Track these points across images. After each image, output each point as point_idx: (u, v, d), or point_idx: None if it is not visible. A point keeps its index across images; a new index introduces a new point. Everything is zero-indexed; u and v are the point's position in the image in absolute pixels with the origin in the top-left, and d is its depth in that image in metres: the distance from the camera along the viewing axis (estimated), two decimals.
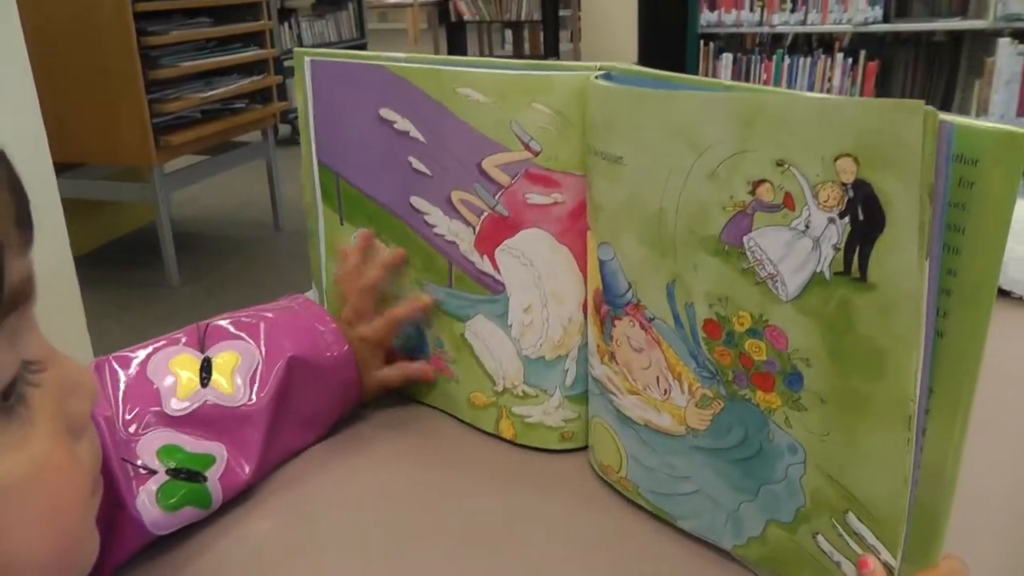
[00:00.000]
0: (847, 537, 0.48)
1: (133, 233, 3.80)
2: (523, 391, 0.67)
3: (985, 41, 3.12)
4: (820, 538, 0.49)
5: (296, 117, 5.24)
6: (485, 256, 0.65)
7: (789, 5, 3.40)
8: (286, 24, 5.15)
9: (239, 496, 0.61)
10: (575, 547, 0.57)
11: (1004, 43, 3.05)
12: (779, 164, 0.44)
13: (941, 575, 0.45)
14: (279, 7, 5.03)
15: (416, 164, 0.67)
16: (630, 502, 0.61)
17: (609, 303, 0.59)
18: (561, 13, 6.22)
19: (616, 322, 0.58)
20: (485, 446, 0.69)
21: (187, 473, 0.57)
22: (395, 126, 0.67)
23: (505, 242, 0.64)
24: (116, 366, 0.61)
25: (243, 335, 0.65)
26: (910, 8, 3.39)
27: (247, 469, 0.61)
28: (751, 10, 3.46)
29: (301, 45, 5.24)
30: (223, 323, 0.66)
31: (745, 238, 0.47)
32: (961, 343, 0.41)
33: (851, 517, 0.47)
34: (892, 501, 0.44)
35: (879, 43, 3.46)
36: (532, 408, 0.67)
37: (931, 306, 0.41)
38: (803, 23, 3.36)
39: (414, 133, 0.66)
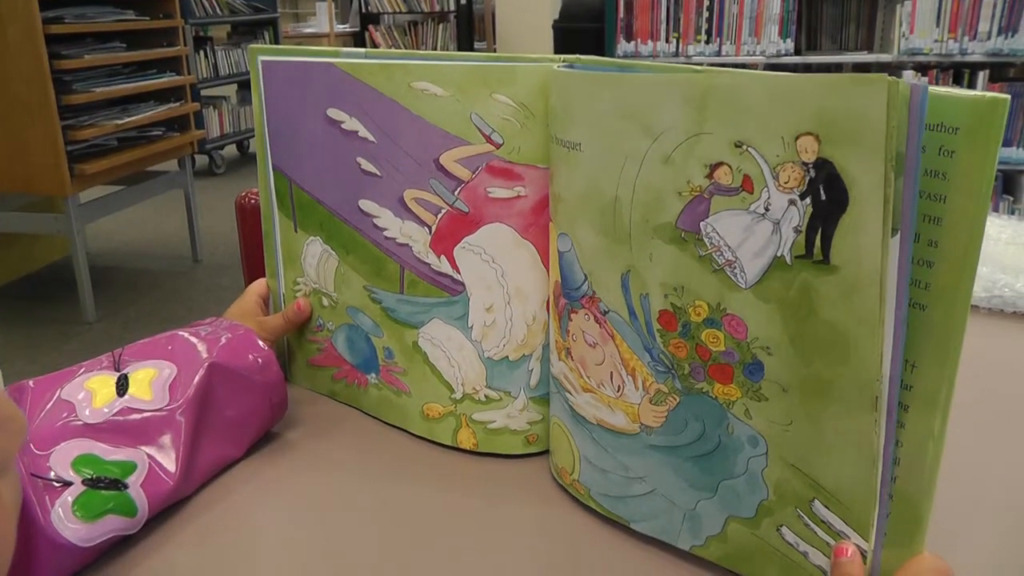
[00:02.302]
0: (814, 526, 0.47)
1: (46, 267, 3.65)
2: (485, 395, 0.65)
3: (891, 73, 3.27)
4: (785, 530, 0.48)
5: (212, 148, 5.17)
6: (443, 256, 0.63)
7: (704, 37, 3.50)
8: (201, 52, 5.06)
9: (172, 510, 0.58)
10: (532, 554, 0.56)
11: (908, 75, 3.21)
12: (737, 146, 0.43)
13: (922, 569, 0.44)
14: (194, 35, 4.94)
15: (365, 165, 0.65)
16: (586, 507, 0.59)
17: (566, 296, 0.57)
18: (477, 45, 6.27)
19: (572, 315, 0.57)
20: (444, 453, 0.67)
21: (106, 482, 0.54)
22: (343, 126, 0.65)
23: (465, 239, 0.62)
24: (31, 385, 0.58)
25: (159, 352, 0.62)
26: (819, 42, 3.52)
27: (173, 475, 0.57)
28: (667, 41, 3.54)
29: (217, 74, 5.17)
30: (139, 345, 0.64)
31: (702, 224, 0.46)
32: (944, 314, 0.41)
33: (817, 505, 0.46)
34: (860, 485, 0.44)
35: None
36: (495, 413, 0.65)
37: (903, 282, 0.40)
38: (718, 54, 3.45)
39: (363, 133, 0.64)
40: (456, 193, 0.61)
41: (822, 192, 0.40)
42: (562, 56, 0.57)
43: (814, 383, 0.44)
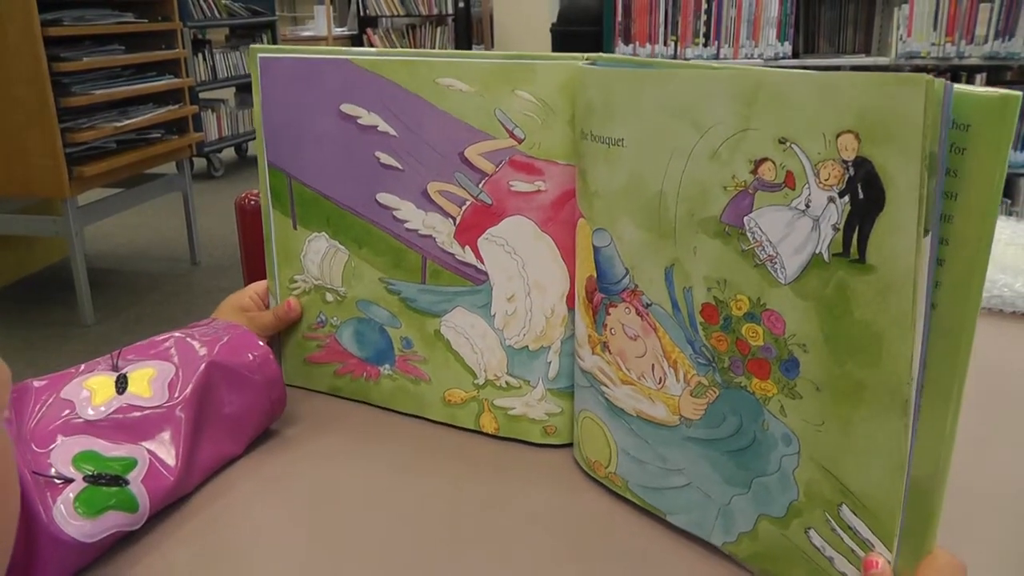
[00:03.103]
0: (840, 531, 0.47)
1: (45, 269, 3.64)
2: (506, 382, 0.66)
3: None
4: (812, 533, 0.48)
5: (210, 150, 5.16)
6: (467, 246, 0.64)
7: (702, 40, 3.51)
8: (200, 55, 5.06)
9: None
10: (560, 541, 0.56)
11: None
12: (781, 142, 0.43)
13: (939, 567, 0.44)
14: (193, 38, 4.95)
15: (385, 159, 0.65)
16: (617, 497, 0.60)
17: (604, 290, 0.58)
18: (474, 49, 6.28)
19: (611, 310, 0.57)
20: (463, 441, 0.68)
21: (107, 478, 0.54)
22: (359, 121, 0.65)
23: (488, 230, 0.63)
24: (34, 384, 0.58)
25: (158, 352, 0.63)
26: (817, 45, 3.54)
27: (173, 471, 0.58)
28: (665, 44, 3.55)
29: (215, 77, 5.17)
30: (137, 345, 0.64)
31: (746, 219, 0.46)
32: (955, 312, 0.40)
33: (845, 510, 0.46)
34: (887, 492, 0.43)
35: None
36: (514, 400, 0.66)
37: (928, 283, 0.40)
38: (716, 57, 3.46)
39: (383, 127, 0.65)
40: (480, 185, 0.62)
41: (860, 191, 0.41)
42: (584, 55, 0.58)
43: (846, 383, 0.44)
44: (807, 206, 0.43)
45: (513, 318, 0.64)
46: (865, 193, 0.40)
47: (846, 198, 0.41)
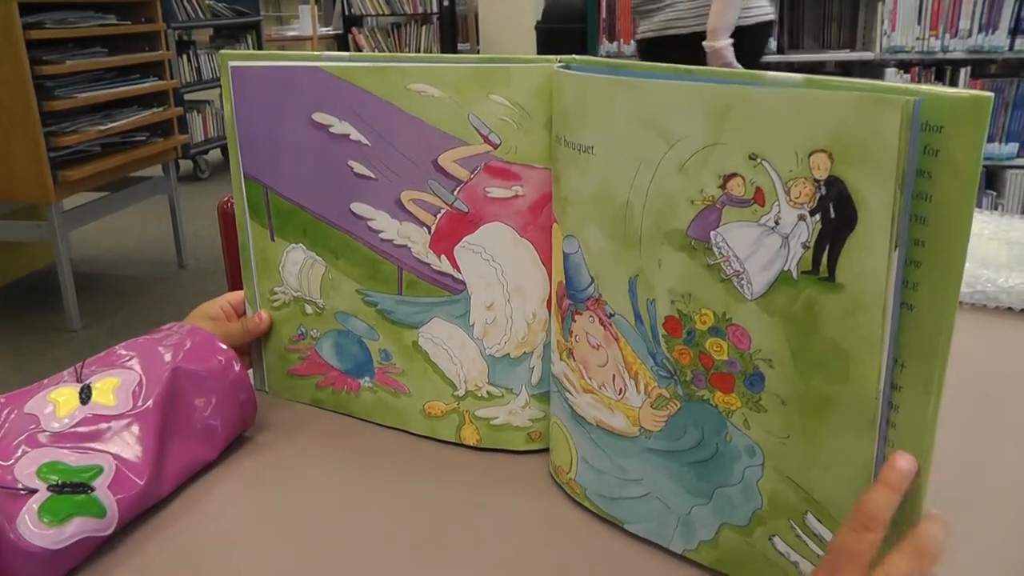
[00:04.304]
0: (806, 538, 0.47)
1: (30, 274, 3.62)
2: (487, 392, 0.65)
3: (873, 71, 3.28)
4: (777, 539, 0.48)
5: (196, 152, 5.14)
6: (443, 255, 0.63)
7: None
8: (184, 56, 5.04)
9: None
10: (526, 550, 0.56)
11: (891, 73, 3.23)
12: (752, 158, 0.43)
13: (922, 538, 0.42)
14: (177, 39, 4.92)
15: (358, 168, 0.65)
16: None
17: (571, 297, 0.57)
18: (460, 47, 6.27)
19: (576, 317, 0.57)
20: (445, 447, 0.67)
21: (71, 486, 0.54)
22: (331, 130, 0.65)
23: (465, 239, 0.62)
24: (1, 400, 0.58)
25: (121, 362, 0.63)
26: (802, 41, 3.54)
27: (141, 476, 0.57)
28: None
29: (200, 78, 5.15)
30: (101, 356, 0.64)
31: (712, 233, 0.46)
32: (932, 313, 0.40)
33: (810, 518, 0.46)
34: (853, 501, 0.43)
35: None
36: (497, 409, 0.65)
37: (896, 297, 0.40)
38: None
39: (355, 135, 0.64)
40: (455, 193, 0.61)
41: (832, 210, 0.40)
42: (558, 56, 0.57)
43: (813, 398, 0.44)
44: (776, 223, 0.43)
45: (493, 326, 0.64)
46: (837, 212, 0.40)
47: (817, 216, 0.41)
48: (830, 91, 0.40)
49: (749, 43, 2.50)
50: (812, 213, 0.41)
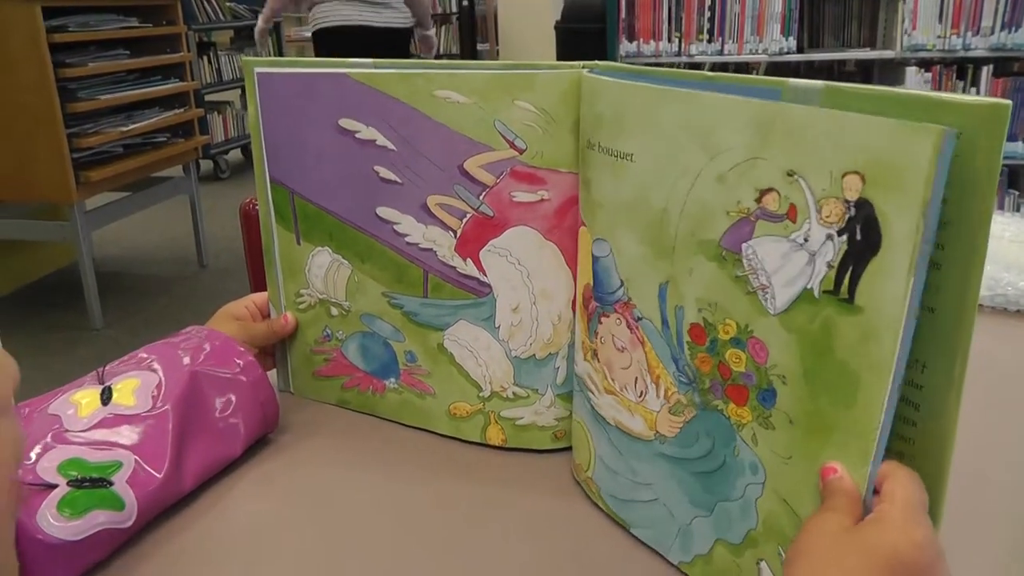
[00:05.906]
0: None
1: (53, 274, 3.66)
2: (513, 392, 0.66)
3: (894, 70, 3.26)
4: (763, 565, 0.49)
5: (217, 153, 5.17)
6: (468, 259, 0.64)
7: (706, 36, 3.50)
8: (205, 58, 5.07)
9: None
10: (544, 547, 0.57)
11: (911, 71, 3.19)
12: (789, 174, 0.43)
13: (904, 485, 0.42)
14: (198, 41, 4.95)
15: (384, 173, 0.65)
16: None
17: (599, 299, 0.58)
18: (479, 47, 6.28)
19: (603, 319, 0.58)
20: (462, 451, 0.68)
21: (90, 481, 0.55)
22: (358, 135, 0.66)
23: (490, 242, 0.63)
24: (24, 411, 0.59)
25: (142, 364, 0.64)
26: (822, 39, 3.52)
27: (160, 470, 0.59)
28: (669, 41, 3.54)
29: (220, 79, 5.18)
30: (122, 360, 0.66)
31: (744, 245, 0.46)
32: (953, 315, 0.40)
33: None
34: None
35: (793, 72, 3.57)
36: (523, 409, 0.66)
37: (910, 324, 0.40)
38: (720, 53, 3.45)
39: (381, 141, 0.65)
40: (481, 198, 0.62)
41: (858, 232, 0.40)
42: (582, 63, 0.58)
43: (818, 421, 0.44)
44: (805, 240, 0.43)
45: (519, 328, 0.64)
46: (863, 234, 0.40)
47: (844, 237, 0.41)
48: (869, 115, 0.40)
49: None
50: (840, 233, 0.41)
